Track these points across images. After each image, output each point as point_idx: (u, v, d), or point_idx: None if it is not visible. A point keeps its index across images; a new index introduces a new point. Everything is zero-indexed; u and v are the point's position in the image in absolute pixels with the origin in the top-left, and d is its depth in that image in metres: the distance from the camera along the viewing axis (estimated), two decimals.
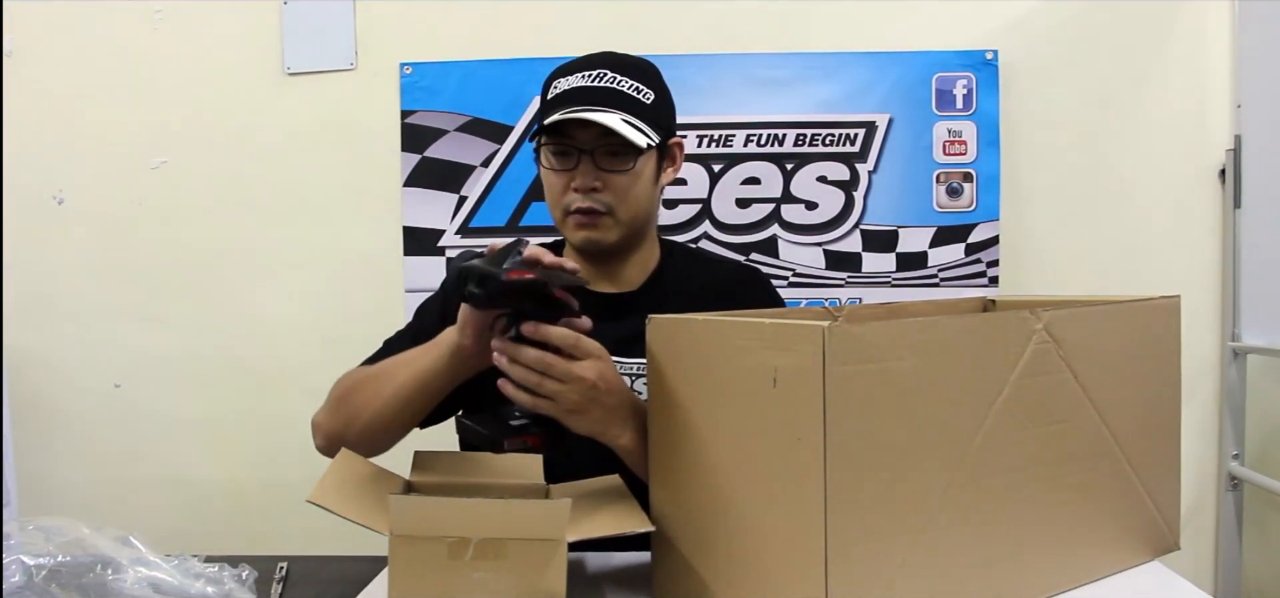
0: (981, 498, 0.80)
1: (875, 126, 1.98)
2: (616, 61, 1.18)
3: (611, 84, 1.14)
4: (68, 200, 2.11)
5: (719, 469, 0.84)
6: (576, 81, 1.16)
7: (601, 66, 1.16)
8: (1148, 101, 2.01)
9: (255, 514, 2.08)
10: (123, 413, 2.12)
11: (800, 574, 0.73)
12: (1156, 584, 0.93)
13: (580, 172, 1.15)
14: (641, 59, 1.22)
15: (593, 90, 1.14)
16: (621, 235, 1.19)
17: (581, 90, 1.15)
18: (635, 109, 1.14)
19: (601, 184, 1.15)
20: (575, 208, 1.16)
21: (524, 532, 0.81)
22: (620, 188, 1.16)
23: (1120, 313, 0.94)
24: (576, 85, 1.15)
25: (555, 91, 1.17)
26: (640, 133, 1.12)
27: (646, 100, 1.16)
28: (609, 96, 1.14)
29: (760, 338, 0.77)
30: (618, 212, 1.17)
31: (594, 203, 1.15)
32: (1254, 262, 1.91)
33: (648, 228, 1.25)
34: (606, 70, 1.16)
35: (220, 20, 2.07)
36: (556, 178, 1.17)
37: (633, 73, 1.17)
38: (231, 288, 2.09)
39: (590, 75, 1.15)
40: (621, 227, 1.18)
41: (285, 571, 1.12)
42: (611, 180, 1.15)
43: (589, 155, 1.14)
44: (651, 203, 1.23)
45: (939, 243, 1.98)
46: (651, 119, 1.15)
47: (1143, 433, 0.94)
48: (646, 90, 1.17)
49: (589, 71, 1.16)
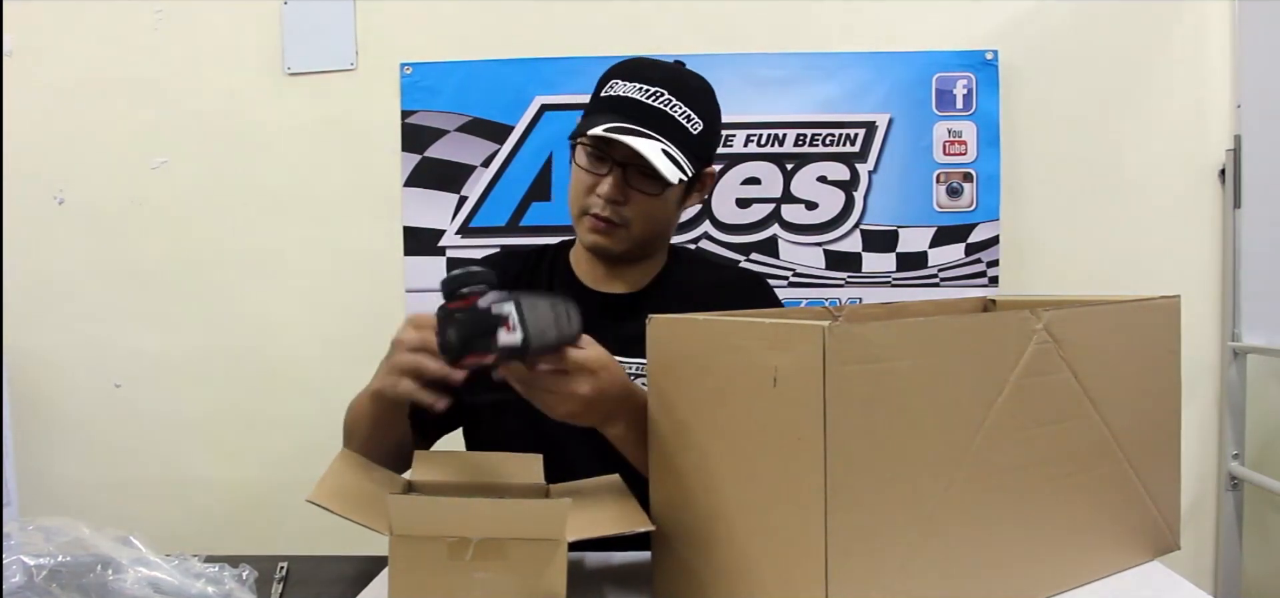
0: (981, 498, 0.80)
1: (875, 127, 1.98)
2: (678, 82, 1.15)
3: (665, 106, 1.12)
4: (68, 200, 2.11)
5: (719, 469, 0.84)
6: (632, 92, 1.13)
7: (661, 84, 1.14)
8: (1148, 102, 2.01)
9: (255, 514, 2.08)
10: (123, 413, 2.11)
11: (800, 574, 0.73)
12: (1156, 585, 0.93)
13: (609, 181, 1.14)
14: (705, 84, 1.20)
15: (645, 108, 1.12)
16: (631, 248, 1.20)
17: (634, 104, 1.12)
18: (680, 138, 1.13)
19: (626, 198, 1.15)
20: (594, 212, 1.15)
21: (524, 532, 0.81)
22: (643, 207, 1.16)
23: (1120, 313, 0.94)
24: (631, 96, 1.13)
25: (609, 92, 1.15)
26: (675, 167, 1.11)
27: (695, 130, 1.14)
28: (659, 120, 1.12)
29: (760, 338, 0.77)
30: (634, 228, 1.17)
31: (614, 214, 1.15)
32: (1254, 262, 1.91)
33: (661, 241, 1.26)
34: (665, 91, 1.13)
35: (221, 20, 2.07)
36: (585, 177, 1.16)
37: (690, 98, 1.15)
38: (232, 288, 2.09)
39: (648, 92, 1.13)
40: (634, 241, 1.19)
41: (285, 571, 1.12)
42: (636, 198, 1.15)
43: (621, 168, 1.13)
44: (670, 224, 1.24)
45: (939, 243, 1.98)
46: (694, 150, 1.14)
47: (1143, 433, 0.94)
48: (697, 120, 1.14)
49: (648, 86, 1.13)
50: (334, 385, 1.22)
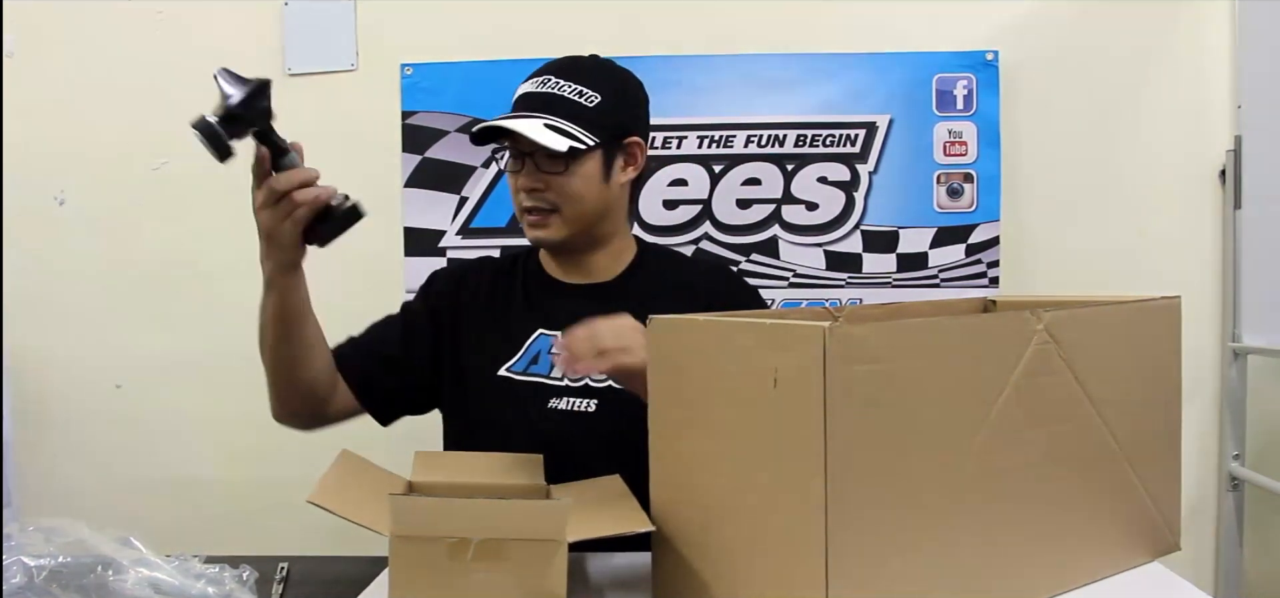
0: (982, 499, 0.80)
1: (876, 127, 1.98)
2: (567, 67, 1.23)
3: (553, 89, 1.19)
4: (69, 201, 2.11)
5: (719, 470, 0.84)
6: (525, 87, 1.22)
7: (549, 72, 1.22)
8: (1148, 102, 2.01)
9: (256, 514, 2.08)
10: (124, 414, 2.12)
11: (800, 575, 0.73)
12: (1157, 585, 0.93)
13: (525, 173, 1.21)
14: (604, 63, 1.27)
15: (534, 96, 1.20)
16: (571, 232, 1.23)
17: (526, 96, 1.21)
18: (572, 113, 1.18)
19: (544, 184, 1.20)
20: (525, 207, 1.22)
21: (524, 532, 0.81)
22: (561, 187, 1.20)
23: (1121, 314, 0.94)
24: (524, 91, 1.22)
25: (513, 97, 1.24)
26: (561, 137, 1.15)
27: (589, 104, 1.19)
28: (546, 102, 1.19)
29: (761, 338, 0.77)
30: (563, 210, 1.21)
31: (540, 202, 1.21)
32: (1254, 262, 1.90)
33: (607, 224, 1.28)
34: (552, 76, 1.21)
35: (221, 21, 2.07)
36: (511, 179, 1.24)
37: (581, 77, 1.21)
38: (233, 289, 2.08)
39: (537, 81, 1.21)
40: (568, 224, 1.22)
41: (286, 571, 1.12)
42: (552, 181, 1.20)
43: (531, 157, 1.19)
44: (604, 201, 1.25)
45: (939, 244, 1.98)
46: (592, 120, 1.18)
47: (1143, 434, 0.94)
48: (593, 93, 1.20)
49: (538, 78, 1.22)
50: None
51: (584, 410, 1.21)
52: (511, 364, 1.24)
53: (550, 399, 1.22)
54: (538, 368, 1.24)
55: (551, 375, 1.23)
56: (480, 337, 1.27)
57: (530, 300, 1.29)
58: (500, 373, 1.24)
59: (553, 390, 1.22)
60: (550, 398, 1.22)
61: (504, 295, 1.31)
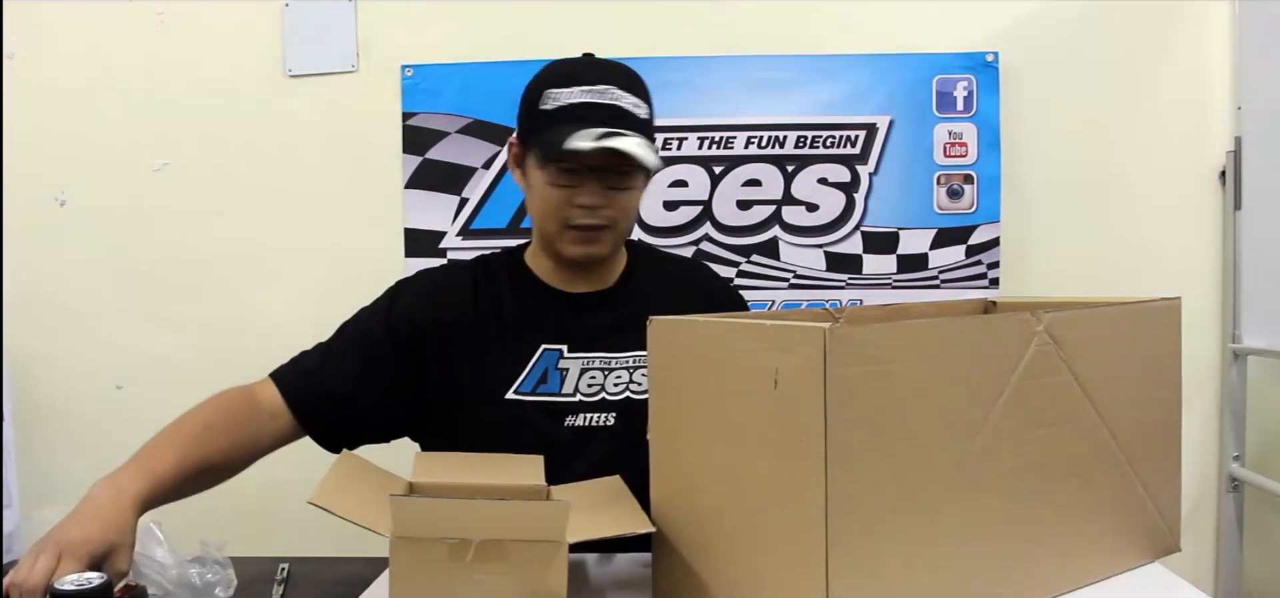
0: (982, 500, 0.80)
1: (876, 128, 1.98)
2: (613, 73, 1.14)
3: (617, 102, 1.11)
4: (70, 202, 2.11)
5: (720, 471, 0.84)
6: (580, 96, 1.10)
7: (601, 81, 1.12)
8: (1148, 103, 2.01)
9: (256, 515, 2.07)
10: (125, 414, 2.11)
11: (801, 576, 0.73)
12: (1157, 586, 0.93)
13: (587, 189, 1.12)
14: (629, 68, 1.17)
15: (603, 108, 1.10)
16: (615, 247, 1.20)
17: (591, 107, 1.10)
18: (641, 127, 1.12)
19: (606, 201, 1.13)
20: (579, 223, 1.13)
21: (524, 533, 0.81)
22: (622, 204, 1.15)
23: (1121, 315, 0.94)
24: (583, 101, 1.10)
25: (554, 104, 1.11)
26: (654, 156, 1.11)
27: (644, 116, 1.14)
28: (620, 117, 1.10)
29: (761, 339, 0.77)
30: (618, 226, 1.17)
31: (597, 219, 1.13)
32: (1254, 263, 1.90)
33: None
34: (609, 86, 1.11)
35: (221, 22, 2.07)
36: (557, 193, 1.13)
37: (631, 87, 1.14)
38: (233, 290, 2.10)
39: (594, 91, 1.11)
40: (618, 239, 1.20)
41: (286, 572, 1.12)
42: (614, 198, 1.14)
43: (596, 173, 1.11)
44: None
45: (940, 245, 1.98)
46: (649, 133, 1.15)
47: (1143, 435, 0.94)
48: (642, 104, 1.14)
49: (590, 86, 1.11)
50: None
51: (603, 425, 1.17)
52: (519, 385, 1.17)
53: (566, 417, 1.17)
54: (547, 386, 1.17)
55: (562, 392, 1.17)
56: (477, 358, 1.18)
57: (528, 313, 1.20)
58: (508, 396, 1.17)
59: (567, 408, 1.17)
60: (566, 416, 1.17)
61: (493, 308, 1.20)
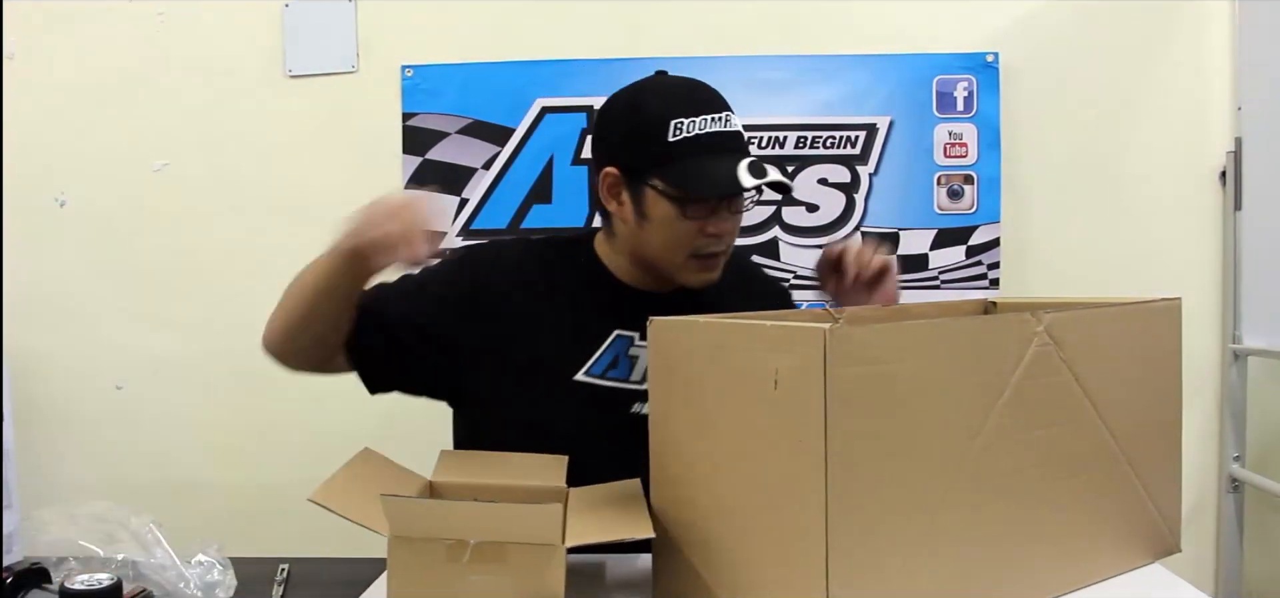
0: (982, 501, 0.80)
1: (876, 129, 1.98)
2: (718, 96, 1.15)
3: (738, 128, 1.14)
4: (70, 202, 2.11)
5: (720, 471, 0.84)
6: (709, 126, 1.11)
7: (721, 108, 1.13)
8: (1148, 104, 2.01)
9: (256, 515, 2.07)
10: (125, 414, 2.11)
11: (801, 577, 0.73)
12: (1157, 587, 0.93)
13: (718, 218, 1.13)
14: None
15: (728, 136, 1.12)
16: None
17: (720, 137, 1.11)
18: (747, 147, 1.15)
19: (733, 228, 1.16)
20: (707, 252, 1.14)
21: (520, 536, 0.81)
22: (735, 228, 1.17)
23: (1121, 315, 0.94)
24: (713, 131, 1.11)
25: (682, 135, 1.10)
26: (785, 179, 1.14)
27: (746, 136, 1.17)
28: (742, 143, 1.13)
29: (761, 340, 0.77)
30: (731, 250, 1.18)
31: (721, 247, 1.15)
32: (1254, 264, 1.90)
33: None
34: (728, 114, 1.14)
35: (222, 23, 2.07)
36: (689, 225, 1.12)
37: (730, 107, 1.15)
38: (233, 290, 2.09)
39: (718, 119, 1.12)
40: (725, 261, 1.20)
41: (286, 572, 1.12)
42: (734, 222, 1.16)
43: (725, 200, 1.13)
44: None
45: (940, 245, 1.98)
46: None
47: (1144, 435, 0.94)
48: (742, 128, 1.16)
49: (717, 115, 1.12)
50: (335, 387, 1.22)
51: None
52: (589, 367, 1.16)
53: (632, 403, 1.16)
54: (617, 372, 1.17)
55: (630, 378, 1.17)
56: (548, 335, 1.17)
57: (604, 300, 1.19)
58: (577, 377, 1.16)
59: (635, 395, 1.16)
60: (632, 402, 1.16)
61: (567, 291, 1.20)
